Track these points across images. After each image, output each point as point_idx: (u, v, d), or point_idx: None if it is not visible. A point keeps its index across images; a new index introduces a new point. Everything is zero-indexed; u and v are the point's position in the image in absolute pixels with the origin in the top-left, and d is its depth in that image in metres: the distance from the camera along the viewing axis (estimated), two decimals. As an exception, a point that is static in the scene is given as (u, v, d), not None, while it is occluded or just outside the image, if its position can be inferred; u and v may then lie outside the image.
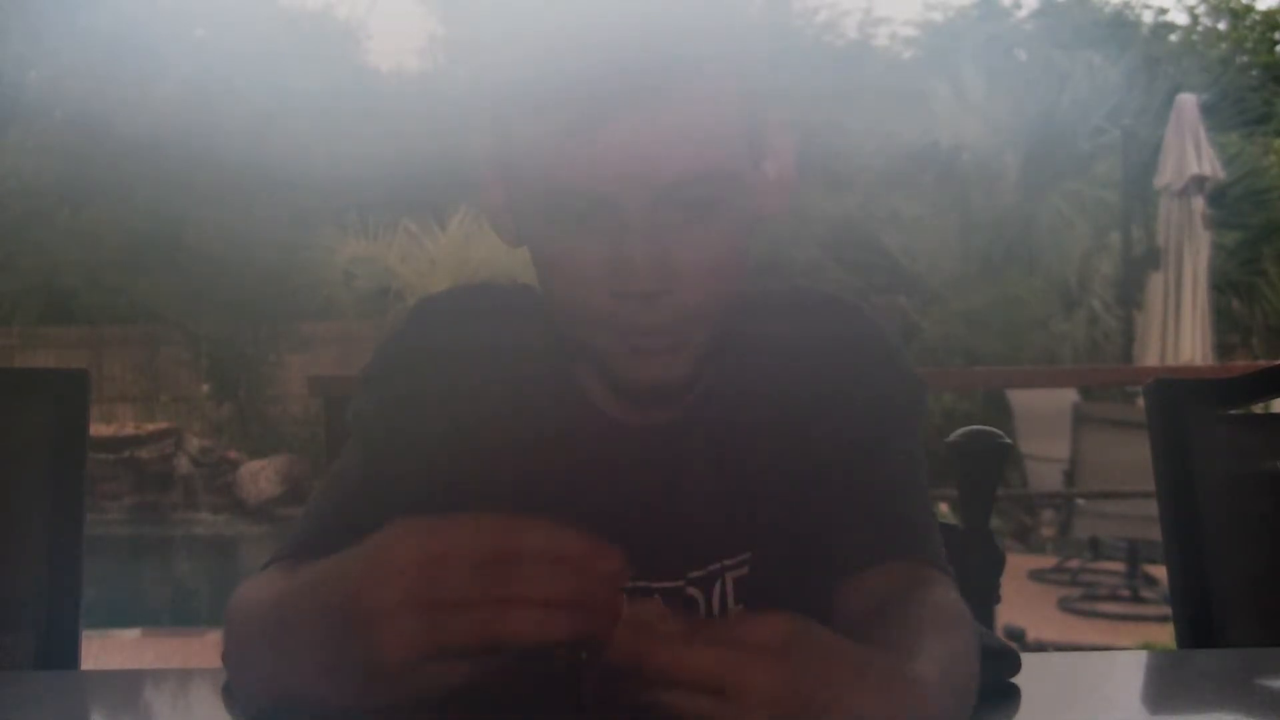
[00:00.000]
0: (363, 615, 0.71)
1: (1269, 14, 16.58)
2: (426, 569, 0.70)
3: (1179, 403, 1.44)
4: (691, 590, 1.03)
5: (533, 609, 0.69)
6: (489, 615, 0.68)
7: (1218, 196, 8.78)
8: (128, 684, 1.13)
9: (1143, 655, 2.07)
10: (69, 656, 1.31)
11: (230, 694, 0.94)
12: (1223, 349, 9.29)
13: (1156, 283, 7.30)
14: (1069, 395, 7.07)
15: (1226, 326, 10.47)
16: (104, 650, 5.38)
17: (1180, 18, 17.88)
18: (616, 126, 0.90)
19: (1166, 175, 7.19)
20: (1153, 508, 1.47)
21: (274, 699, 0.84)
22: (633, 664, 0.69)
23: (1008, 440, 1.39)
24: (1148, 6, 18.51)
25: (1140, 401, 3.10)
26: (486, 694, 0.73)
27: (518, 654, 0.70)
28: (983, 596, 1.27)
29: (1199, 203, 7.24)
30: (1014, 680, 0.99)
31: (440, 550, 0.70)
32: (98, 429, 9.84)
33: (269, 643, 0.83)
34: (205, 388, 11.60)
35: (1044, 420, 6.87)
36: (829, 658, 0.73)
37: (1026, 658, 1.00)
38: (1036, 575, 6.90)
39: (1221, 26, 16.89)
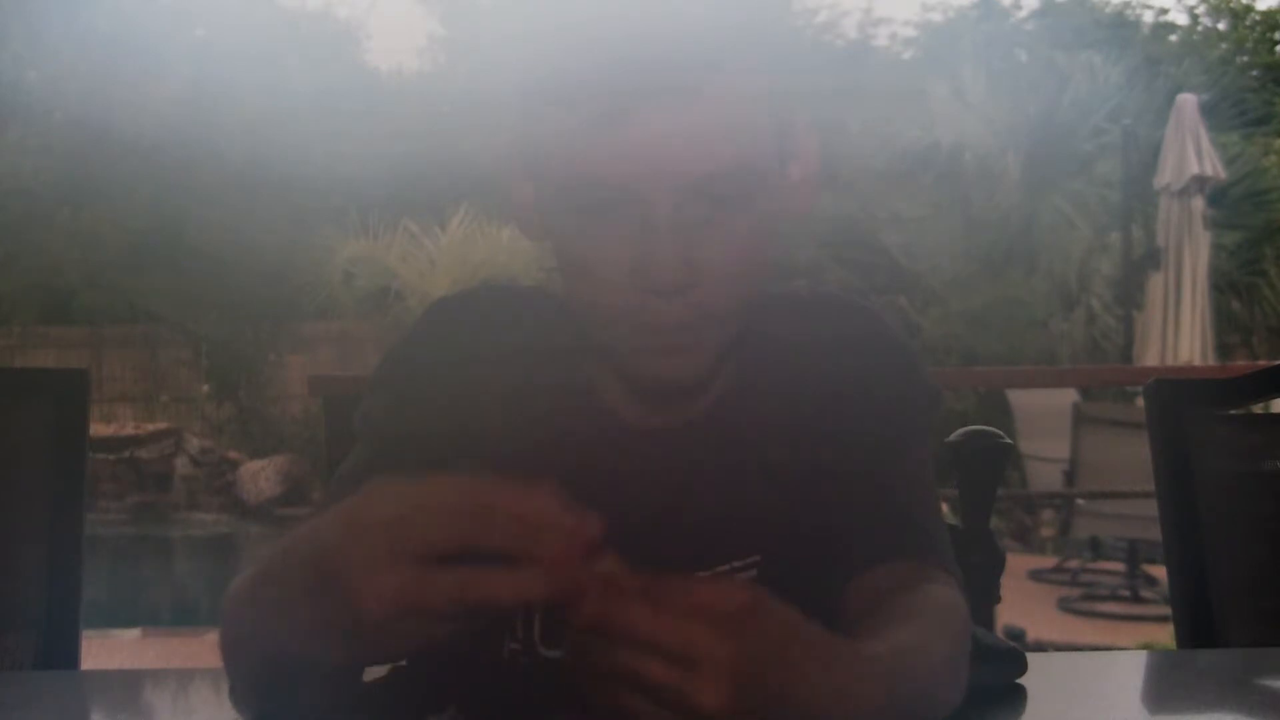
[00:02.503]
0: (338, 571, 0.70)
1: (1269, 14, 16.59)
2: (400, 525, 0.69)
3: (1179, 403, 1.44)
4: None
5: (507, 573, 0.68)
6: (463, 577, 0.68)
7: (1218, 197, 8.77)
8: (128, 684, 1.13)
9: (1143, 655, 2.07)
10: (69, 656, 1.31)
11: (235, 695, 0.94)
12: (1223, 349, 9.28)
13: (1157, 283, 7.30)
14: (1069, 395, 7.07)
15: (1226, 326, 10.47)
16: (104, 650, 5.38)
17: (1180, 18, 17.89)
18: (645, 120, 0.90)
19: (1166, 175, 7.19)
20: (1153, 508, 1.47)
21: (265, 670, 0.83)
22: (596, 623, 0.69)
23: (1008, 440, 1.40)
24: (1148, 7, 18.53)
25: (1140, 401, 3.10)
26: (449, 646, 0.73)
27: (492, 615, 0.71)
28: (983, 596, 1.27)
29: (1199, 203, 7.24)
30: (1014, 680, 0.99)
31: (414, 507, 0.70)
32: (98, 429, 9.84)
33: (256, 608, 0.82)
34: (205, 388, 11.60)
35: (1044, 420, 6.87)
36: (784, 631, 0.74)
37: (1027, 658, 1.00)
38: (1036, 575, 6.90)
39: (1222, 27, 16.90)
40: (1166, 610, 1.84)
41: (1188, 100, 7.37)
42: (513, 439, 1.04)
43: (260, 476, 10.12)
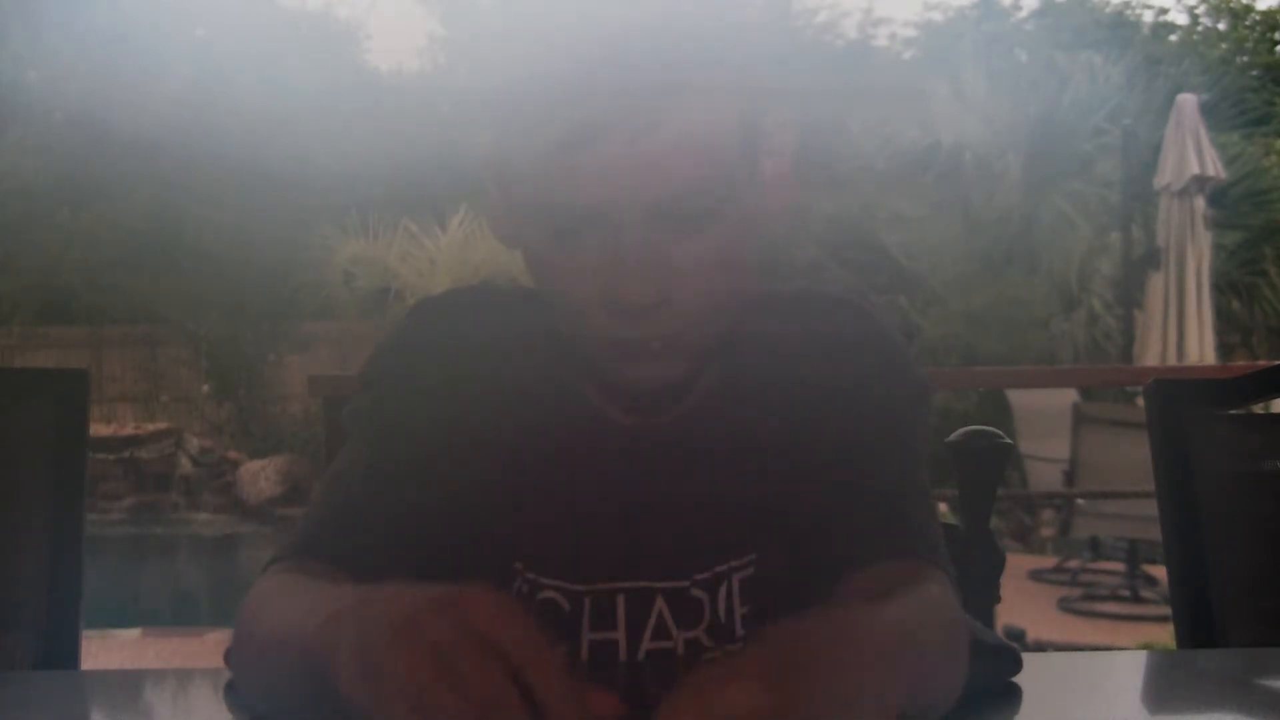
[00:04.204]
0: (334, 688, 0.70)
1: (1269, 14, 16.59)
2: (397, 679, 0.67)
3: (1179, 403, 1.44)
4: (697, 592, 1.03)
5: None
6: None
7: (1218, 197, 8.76)
8: (128, 684, 1.13)
9: (1143, 655, 2.07)
10: (69, 656, 1.31)
11: (231, 694, 0.94)
12: (1223, 349, 9.28)
13: (1157, 283, 7.29)
14: (1069, 395, 7.07)
15: (1227, 326, 10.46)
16: (104, 650, 5.38)
17: (1180, 18, 17.90)
18: (611, 142, 0.89)
19: (1166, 175, 7.19)
20: (1153, 508, 1.47)
21: (272, 704, 0.85)
22: None
23: (1008, 440, 1.39)
24: (1148, 6, 18.53)
25: (1140, 401, 3.10)
26: None
27: None
28: (983, 596, 1.27)
29: (1199, 203, 7.23)
30: (1014, 680, 0.99)
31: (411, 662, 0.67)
32: (98, 429, 9.83)
33: (264, 667, 0.85)
34: (205, 388, 11.59)
35: (1044, 420, 6.86)
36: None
37: (1026, 658, 1.00)
38: (1036, 575, 6.90)
39: (1222, 27, 16.90)
40: (1166, 610, 1.84)
41: (1188, 100, 7.36)
42: (499, 437, 1.04)
43: (260, 476, 10.11)
